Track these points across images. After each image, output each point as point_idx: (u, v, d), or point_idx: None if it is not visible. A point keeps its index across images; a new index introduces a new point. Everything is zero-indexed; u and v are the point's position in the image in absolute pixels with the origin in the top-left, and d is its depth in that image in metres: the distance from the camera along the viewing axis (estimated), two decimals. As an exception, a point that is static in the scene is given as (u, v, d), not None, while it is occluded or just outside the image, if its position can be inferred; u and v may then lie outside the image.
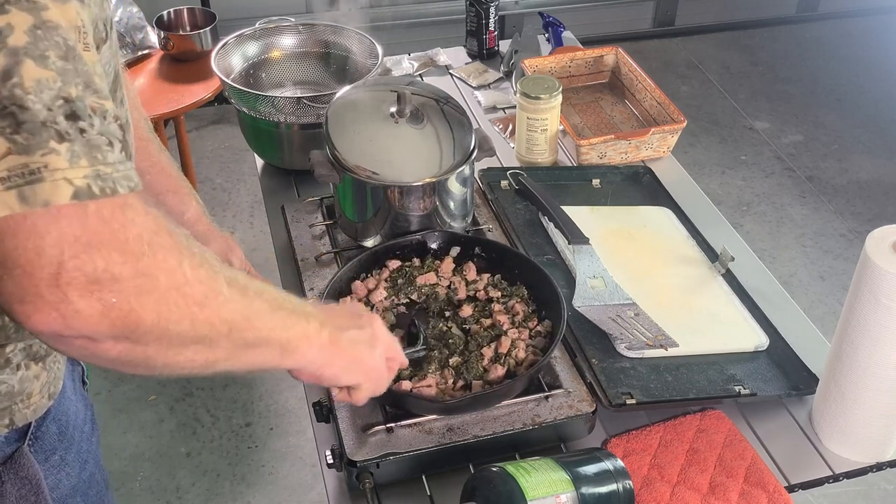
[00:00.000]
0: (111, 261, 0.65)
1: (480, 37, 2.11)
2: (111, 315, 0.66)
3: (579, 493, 1.01)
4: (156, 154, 1.19)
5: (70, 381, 1.06)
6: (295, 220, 1.52)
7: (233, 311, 0.76)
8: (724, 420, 1.22)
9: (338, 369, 0.92)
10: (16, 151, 0.63)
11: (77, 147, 0.65)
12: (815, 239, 3.17)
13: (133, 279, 0.67)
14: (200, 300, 0.72)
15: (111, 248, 0.66)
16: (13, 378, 0.91)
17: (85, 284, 0.65)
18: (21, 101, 0.63)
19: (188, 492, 2.31)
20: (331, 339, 0.89)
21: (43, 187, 0.63)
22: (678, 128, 1.75)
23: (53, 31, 0.65)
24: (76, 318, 0.65)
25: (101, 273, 0.65)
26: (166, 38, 2.71)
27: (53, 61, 0.65)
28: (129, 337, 0.69)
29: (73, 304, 0.65)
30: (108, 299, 0.66)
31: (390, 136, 1.38)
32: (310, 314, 0.88)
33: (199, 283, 0.72)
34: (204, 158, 3.46)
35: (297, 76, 1.82)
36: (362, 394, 0.98)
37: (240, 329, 0.77)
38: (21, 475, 0.95)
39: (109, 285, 0.66)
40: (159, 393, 2.57)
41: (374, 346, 0.96)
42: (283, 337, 0.83)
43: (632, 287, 1.36)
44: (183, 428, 2.48)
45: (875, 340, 1.10)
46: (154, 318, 0.69)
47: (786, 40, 4.35)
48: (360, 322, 0.96)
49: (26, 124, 0.63)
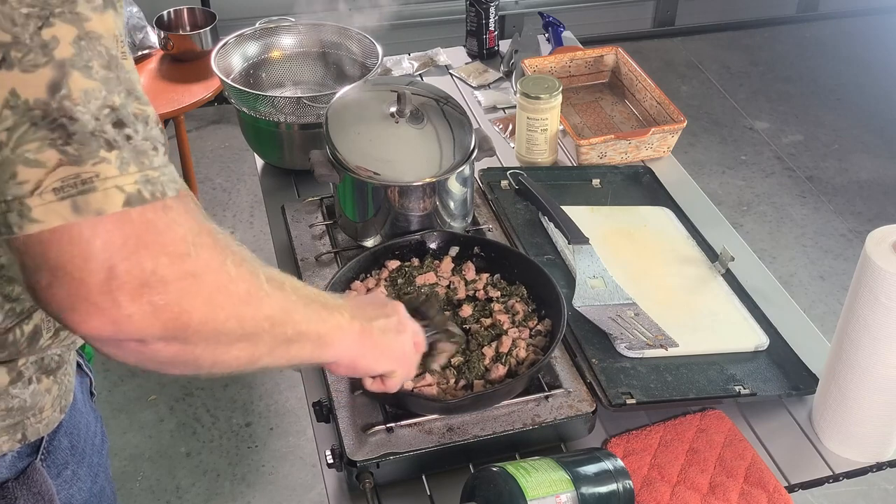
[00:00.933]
0: (159, 263, 0.66)
1: (480, 37, 2.11)
2: (162, 317, 0.67)
3: (579, 493, 1.01)
4: None
5: (80, 392, 1.05)
6: (295, 220, 1.52)
7: (273, 307, 0.78)
8: (724, 420, 1.22)
9: (371, 359, 0.94)
10: (67, 162, 0.64)
11: (126, 154, 0.66)
12: (815, 239, 3.17)
13: (180, 280, 0.68)
14: (245, 298, 0.74)
15: (158, 250, 0.67)
16: (25, 392, 0.90)
17: (135, 288, 0.66)
18: (70, 113, 0.64)
19: (188, 492, 2.31)
20: (362, 329, 0.92)
21: (95, 196, 0.64)
22: (678, 128, 1.75)
23: (96, 42, 0.66)
24: (128, 322, 0.66)
25: (150, 276, 0.66)
26: (166, 38, 2.71)
27: (97, 71, 0.66)
28: (178, 338, 0.70)
29: (124, 308, 0.66)
30: (157, 301, 0.67)
31: (390, 136, 1.38)
32: (340, 307, 0.90)
33: (242, 280, 0.74)
34: (204, 158, 3.46)
35: (297, 76, 1.82)
36: (396, 380, 1.00)
37: (281, 324, 0.79)
38: (34, 490, 0.94)
39: (158, 287, 0.67)
40: (159, 393, 2.57)
41: (403, 332, 0.99)
42: (320, 330, 0.85)
43: (632, 287, 1.36)
44: (183, 428, 2.48)
45: (875, 340, 1.10)
46: (202, 317, 0.70)
47: (786, 40, 4.35)
48: (387, 311, 0.98)
49: (76, 135, 0.64)
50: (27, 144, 0.63)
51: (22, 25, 0.63)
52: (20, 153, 0.63)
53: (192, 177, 2.96)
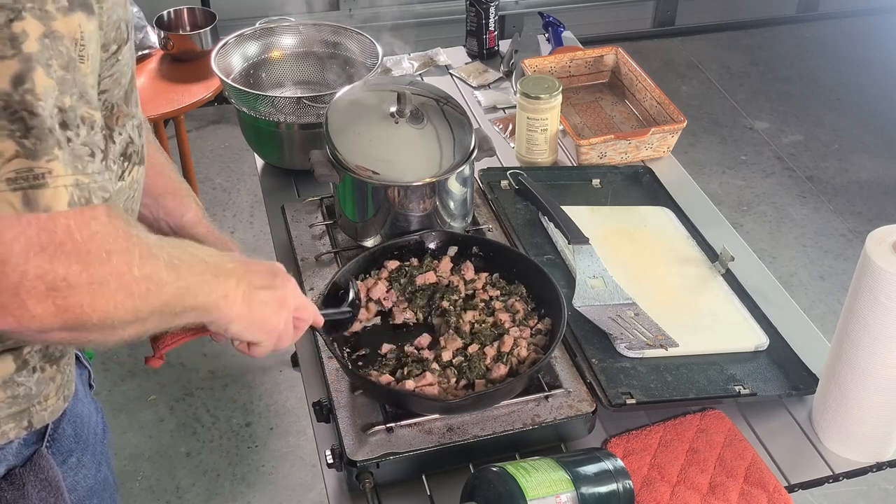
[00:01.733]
0: (70, 270, 0.70)
1: (480, 37, 2.11)
2: (63, 316, 0.71)
3: (579, 493, 1.01)
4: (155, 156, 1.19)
5: (80, 384, 1.06)
6: (295, 219, 1.52)
7: (169, 295, 0.81)
8: (724, 420, 1.22)
9: (244, 326, 0.94)
10: (24, 155, 0.65)
11: (66, 156, 0.68)
12: (815, 239, 3.17)
13: (88, 286, 0.71)
14: (144, 294, 0.77)
15: (72, 257, 0.70)
16: (30, 380, 0.92)
17: (43, 292, 0.69)
18: (32, 107, 0.66)
19: (188, 491, 2.31)
20: (244, 296, 0.92)
21: (45, 193, 0.66)
22: (678, 128, 1.75)
23: (59, 41, 0.68)
24: (31, 320, 0.70)
25: (59, 281, 0.69)
26: (166, 38, 2.71)
27: (55, 70, 0.67)
28: (76, 329, 0.74)
29: (29, 309, 0.69)
30: (62, 304, 0.71)
31: (390, 136, 1.38)
32: (229, 272, 0.91)
33: (143, 279, 0.77)
34: (204, 158, 3.46)
35: (297, 76, 1.82)
36: (260, 350, 1.00)
37: (171, 306, 0.82)
38: (41, 477, 0.96)
39: (65, 291, 0.70)
40: (159, 393, 2.57)
41: (282, 307, 0.98)
42: (207, 301, 0.88)
43: (632, 287, 1.36)
44: (183, 428, 2.48)
45: (875, 340, 1.10)
46: (102, 315, 0.74)
47: (786, 40, 4.35)
48: (275, 283, 0.98)
49: (35, 130, 0.66)
50: None
51: None
52: None
53: (193, 177, 2.96)
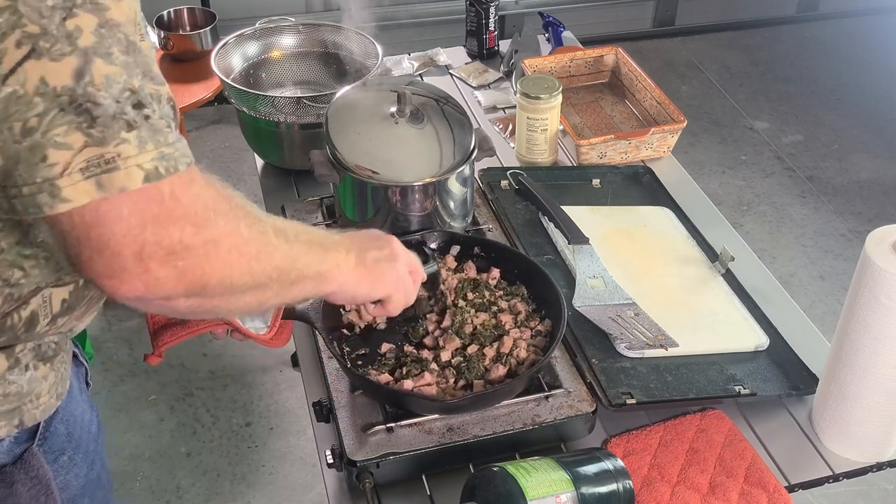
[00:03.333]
0: (184, 232, 0.75)
1: (480, 37, 2.11)
2: (186, 279, 0.76)
3: (579, 493, 1.01)
4: None
5: (76, 381, 1.06)
6: (295, 219, 1.51)
7: (280, 258, 0.86)
8: (724, 420, 1.22)
9: (368, 287, 1.02)
10: (92, 144, 0.69)
11: (144, 133, 0.72)
12: (815, 239, 3.17)
13: (202, 246, 0.76)
14: (255, 255, 0.82)
15: (184, 220, 0.75)
16: (22, 378, 0.92)
17: (164, 256, 0.74)
18: (94, 98, 0.69)
19: (188, 491, 2.31)
20: (357, 261, 1.00)
21: (118, 175, 0.70)
22: (678, 128, 1.75)
23: (116, 29, 0.71)
24: (157, 285, 0.75)
25: (176, 244, 0.74)
26: (166, 38, 2.71)
27: (117, 56, 0.71)
28: (199, 294, 0.79)
29: (153, 273, 0.74)
30: (182, 266, 0.75)
31: (390, 136, 1.38)
32: (338, 244, 0.99)
33: (252, 240, 0.82)
34: (204, 158, 3.46)
35: (297, 76, 1.82)
36: (394, 304, 1.08)
37: (286, 272, 0.88)
38: (31, 475, 0.96)
39: (183, 254, 0.75)
40: (159, 393, 2.57)
41: (395, 260, 1.06)
42: (320, 269, 0.94)
43: (632, 287, 1.36)
44: (183, 428, 2.48)
45: (875, 340, 1.10)
46: (220, 276, 0.79)
47: (786, 40, 4.35)
48: (380, 243, 1.06)
49: (100, 118, 0.69)
50: (56, 129, 0.68)
51: (48, 17, 0.68)
52: (50, 137, 0.68)
53: (192, 177, 2.95)
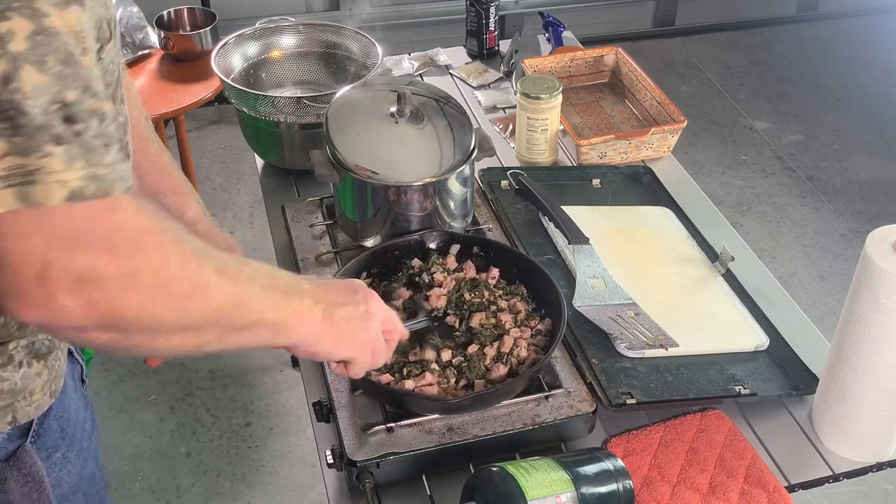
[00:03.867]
0: (97, 261, 0.69)
1: (480, 37, 2.11)
2: (96, 310, 0.70)
3: (579, 493, 1.01)
4: (156, 154, 1.19)
5: (71, 379, 1.06)
6: (295, 220, 1.52)
7: (221, 300, 0.79)
8: (724, 420, 1.22)
9: (331, 345, 0.94)
10: (14, 152, 0.66)
11: (74, 149, 0.67)
12: (815, 239, 3.17)
13: (118, 279, 0.70)
14: (187, 294, 0.76)
15: (98, 248, 0.69)
16: (16, 375, 0.92)
17: (70, 283, 0.68)
18: (19, 106, 0.66)
19: (188, 491, 2.31)
20: (324, 315, 0.92)
21: (38, 189, 0.66)
22: (678, 128, 1.75)
23: (54, 38, 0.67)
24: (63, 313, 0.69)
25: (86, 272, 0.69)
26: (166, 38, 2.71)
27: (52, 66, 0.67)
28: (115, 328, 0.73)
29: (58, 300, 0.69)
30: (92, 296, 0.70)
31: (390, 136, 1.38)
32: (304, 292, 0.90)
33: (184, 278, 0.75)
34: (204, 158, 3.46)
35: (297, 76, 1.81)
36: (357, 367, 1.00)
37: (229, 316, 0.80)
38: (24, 472, 0.96)
39: (94, 283, 0.69)
40: (159, 393, 2.57)
41: (368, 320, 0.98)
42: (275, 318, 0.86)
43: (632, 287, 1.36)
44: (183, 428, 2.48)
45: (875, 340, 1.10)
46: (138, 313, 0.72)
47: (786, 40, 4.35)
48: (356, 298, 0.98)
49: (24, 128, 0.66)
50: None
51: None
52: None
53: (193, 177, 2.96)
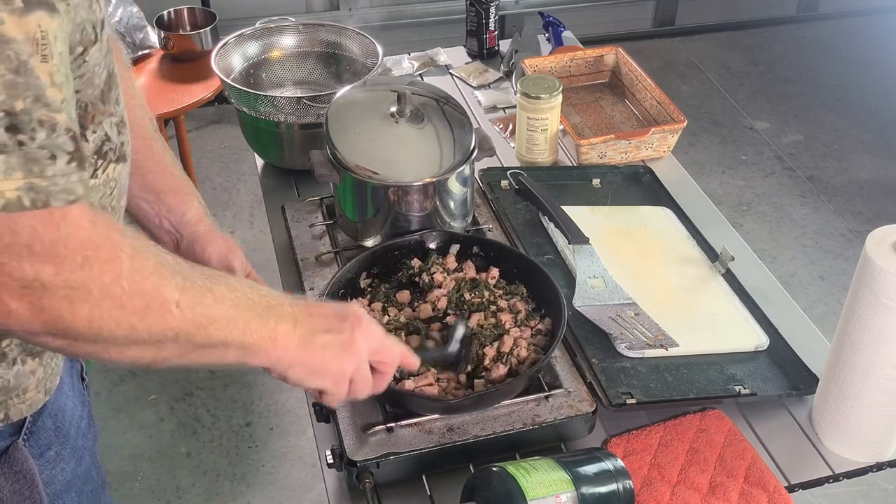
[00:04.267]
0: (42, 271, 0.69)
1: (480, 36, 2.11)
2: (42, 317, 0.71)
3: (579, 493, 1.01)
4: (159, 153, 1.19)
5: (68, 377, 1.06)
6: (295, 219, 1.52)
7: (181, 320, 0.77)
8: (724, 420, 1.22)
9: (303, 373, 0.90)
10: None
11: (13, 159, 0.67)
12: (815, 239, 3.17)
13: (64, 289, 0.70)
14: (141, 310, 0.75)
15: (42, 259, 0.69)
16: (9, 373, 0.91)
17: (16, 289, 0.69)
18: None
19: (188, 491, 2.31)
20: (301, 341, 0.88)
21: None
22: (678, 127, 1.75)
23: (5, 46, 0.67)
24: (9, 316, 0.70)
25: (31, 280, 0.69)
26: (166, 38, 2.71)
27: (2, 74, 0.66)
28: (64, 336, 0.73)
29: (5, 304, 0.69)
30: (38, 304, 0.70)
31: (390, 135, 1.38)
32: (283, 315, 0.87)
33: (138, 295, 0.74)
34: (204, 158, 3.47)
35: (297, 76, 1.81)
36: (331, 398, 0.96)
37: (188, 335, 0.79)
38: (15, 469, 0.96)
39: (40, 292, 0.69)
40: (159, 393, 2.57)
41: (347, 351, 0.92)
42: (245, 340, 0.83)
43: (632, 287, 1.36)
44: (183, 428, 2.48)
45: (875, 340, 1.10)
46: (85, 325, 0.72)
47: (786, 40, 4.35)
48: (342, 326, 0.92)
49: None
50: None
51: None
52: None
53: (193, 177, 2.96)
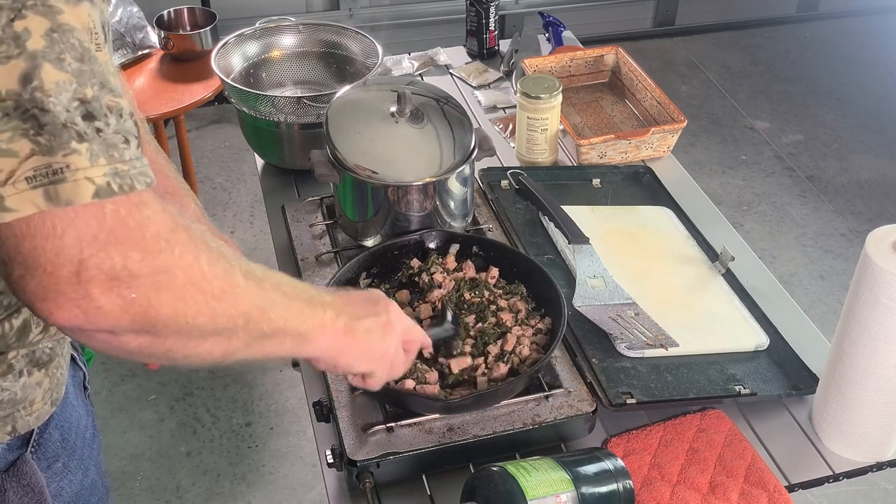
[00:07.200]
0: (129, 258, 0.68)
1: (480, 36, 2.11)
2: (131, 310, 0.69)
3: (579, 493, 1.01)
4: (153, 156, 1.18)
5: (72, 386, 1.05)
6: (295, 219, 1.52)
7: (249, 304, 0.78)
8: (724, 420, 1.22)
9: (351, 358, 0.94)
10: (39, 152, 0.64)
11: (95, 146, 0.66)
12: (815, 239, 3.17)
13: (151, 275, 0.69)
14: (218, 294, 0.74)
15: (129, 245, 0.68)
16: (16, 385, 0.91)
17: (105, 281, 0.67)
18: (42, 104, 0.65)
19: (188, 491, 2.31)
20: (346, 328, 0.91)
21: (66, 187, 0.65)
22: (678, 127, 1.75)
23: (69, 34, 0.67)
24: (98, 313, 0.68)
25: (120, 270, 0.67)
26: (166, 38, 2.71)
27: (69, 63, 0.66)
28: (149, 331, 0.71)
29: (94, 300, 0.67)
30: (127, 295, 0.68)
31: (390, 135, 1.38)
32: (326, 304, 0.90)
33: (216, 277, 0.74)
34: (204, 158, 3.47)
35: (297, 76, 1.81)
36: (376, 380, 1.00)
37: (256, 321, 0.79)
38: (24, 483, 0.95)
39: (128, 281, 0.68)
40: (159, 392, 2.57)
41: (388, 332, 0.98)
42: (300, 327, 0.86)
43: (632, 287, 1.36)
44: (183, 427, 2.48)
45: (875, 340, 1.10)
46: (172, 312, 0.71)
47: (786, 40, 4.35)
48: (377, 309, 0.98)
49: (48, 126, 0.65)
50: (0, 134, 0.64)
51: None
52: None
53: (193, 176, 2.96)
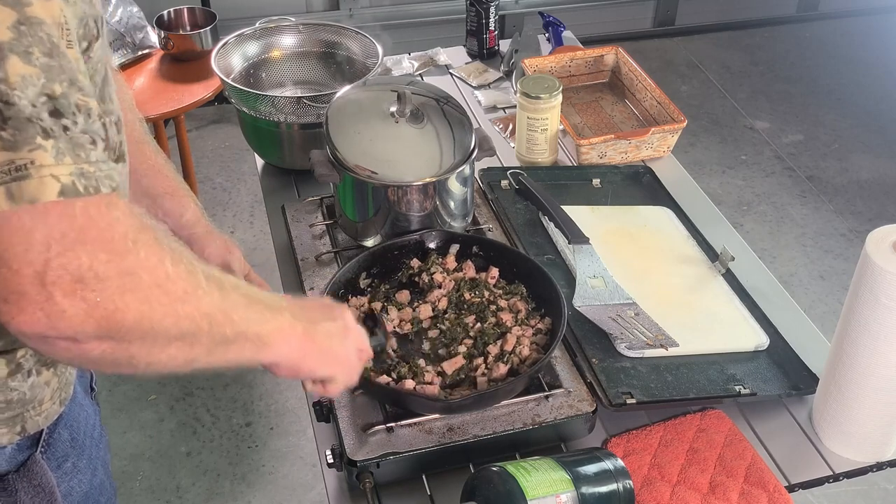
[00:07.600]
0: (96, 259, 0.66)
1: (480, 36, 2.11)
2: (95, 314, 0.67)
3: (579, 493, 1.01)
4: (152, 156, 1.18)
5: (80, 386, 1.05)
6: (295, 219, 1.52)
7: (211, 305, 0.77)
8: (724, 420, 1.22)
9: (313, 362, 0.92)
10: (2, 147, 0.63)
11: (62, 144, 0.65)
12: (815, 239, 3.17)
13: (117, 278, 0.67)
14: (181, 296, 0.73)
15: (98, 245, 0.66)
16: (24, 385, 0.90)
17: (69, 283, 0.65)
18: (6, 97, 0.63)
19: (188, 491, 2.31)
20: (305, 332, 0.90)
21: (30, 184, 0.63)
22: (678, 127, 1.75)
23: (38, 28, 0.65)
24: (61, 318, 0.66)
25: (86, 271, 0.66)
26: (166, 38, 2.71)
27: (38, 57, 0.65)
28: (113, 336, 0.69)
29: (58, 303, 0.65)
30: (92, 298, 0.66)
31: (390, 135, 1.38)
32: (283, 308, 0.88)
33: (179, 279, 0.73)
34: (204, 158, 3.46)
35: (298, 76, 1.82)
36: (336, 386, 0.98)
37: (219, 324, 0.78)
38: (34, 483, 0.94)
39: (93, 284, 0.66)
40: (159, 392, 2.56)
41: (347, 337, 0.97)
42: (260, 331, 0.84)
43: (632, 287, 1.36)
44: (183, 427, 2.48)
45: (875, 340, 1.10)
46: (137, 315, 0.69)
47: (786, 40, 4.35)
48: (332, 314, 0.96)
49: (12, 120, 0.63)
50: None
51: None
52: None
53: (193, 176, 2.96)
